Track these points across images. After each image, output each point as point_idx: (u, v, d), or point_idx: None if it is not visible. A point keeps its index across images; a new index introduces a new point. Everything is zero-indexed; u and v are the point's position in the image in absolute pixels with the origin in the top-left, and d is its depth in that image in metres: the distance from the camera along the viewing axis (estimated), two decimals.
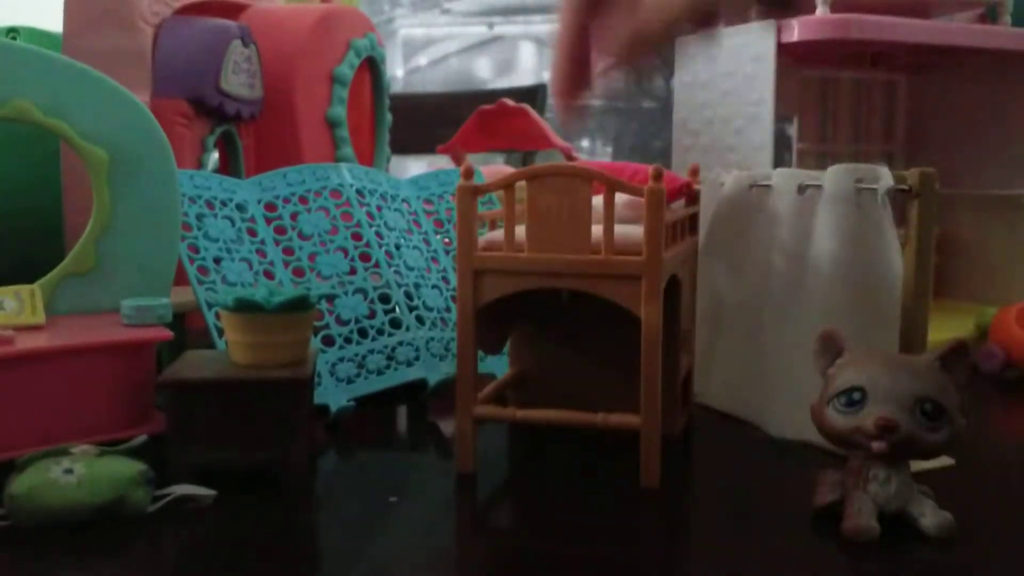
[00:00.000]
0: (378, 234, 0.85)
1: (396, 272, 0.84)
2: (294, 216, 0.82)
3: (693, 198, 0.74)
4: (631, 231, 0.58)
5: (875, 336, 0.64)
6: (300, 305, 0.61)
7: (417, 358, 0.80)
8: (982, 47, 1.03)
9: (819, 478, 0.55)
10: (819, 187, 0.66)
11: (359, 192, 0.86)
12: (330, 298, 0.79)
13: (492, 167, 1.15)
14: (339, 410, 0.73)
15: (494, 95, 1.30)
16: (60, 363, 0.61)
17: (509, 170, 0.96)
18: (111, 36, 0.88)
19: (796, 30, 0.95)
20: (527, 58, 2.48)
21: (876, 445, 0.50)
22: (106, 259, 0.71)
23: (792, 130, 1.16)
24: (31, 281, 0.68)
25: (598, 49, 0.55)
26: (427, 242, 0.90)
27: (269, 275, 0.78)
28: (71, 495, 0.51)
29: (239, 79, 0.95)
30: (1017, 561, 0.51)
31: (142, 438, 0.56)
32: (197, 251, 0.75)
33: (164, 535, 0.52)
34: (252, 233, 0.79)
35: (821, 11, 0.95)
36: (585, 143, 2.43)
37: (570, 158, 1.17)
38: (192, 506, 0.55)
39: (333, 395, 0.74)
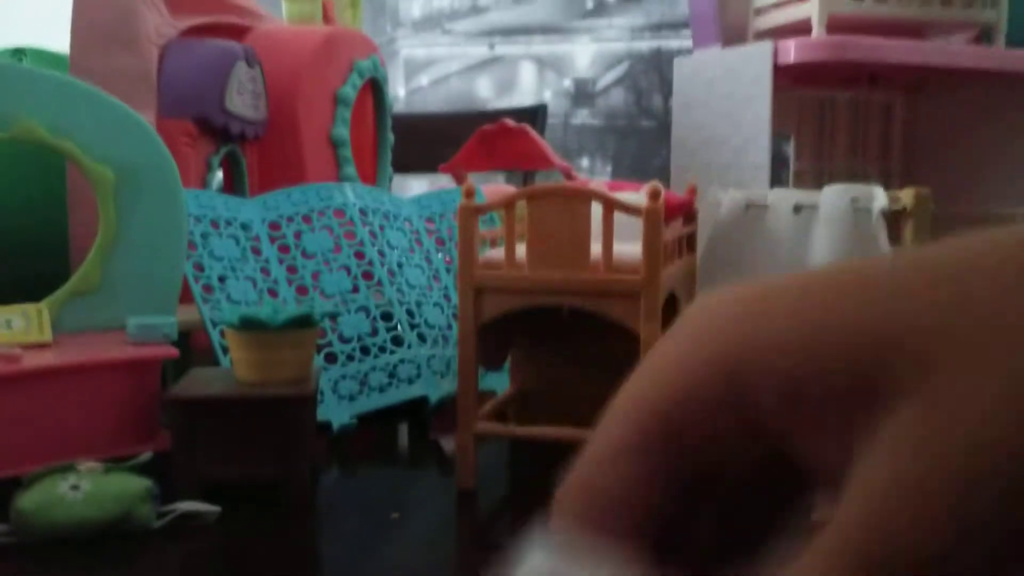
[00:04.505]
0: (381, 253, 0.86)
1: (398, 290, 0.85)
2: (298, 235, 0.83)
3: (691, 217, 0.75)
4: (630, 249, 0.59)
5: None
6: (304, 323, 0.61)
7: (419, 375, 0.81)
8: (977, 68, 1.04)
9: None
10: (815, 207, 0.67)
11: (362, 211, 0.87)
12: (333, 316, 0.79)
13: (493, 186, 1.16)
14: (341, 427, 0.73)
15: (495, 115, 1.31)
16: (67, 380, 0.62)
17: (510, 189, 0.97)
18: (117, 57, 0.90)
19: (793, 51, 0.96)
20: (528, 78, 2.50)
21: None
22: (112, 277, 0.72)
23: (790, 149, 1.17)
24: (38, 299, 0.69)
25: None
26: (429, 260, 0.91)
27: (273, 293, 0.79)
28: (77, 511, 0.52)
29: (243, 99, 0.96)
30: None
31: (147, 455, 0.57)
32: (202, 269, 0.75)
33: (169, 551, 0.53)
34: (256, 252, 0.80)
35: (817, 32, 0.96)
36: (585, 162, 2.44)
37: (570, 178, 1.18)
38: (196, 522, 0.56)
39: (335, 412, 0.74)
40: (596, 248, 0.59)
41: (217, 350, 0.73)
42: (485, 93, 2.53)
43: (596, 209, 0.58)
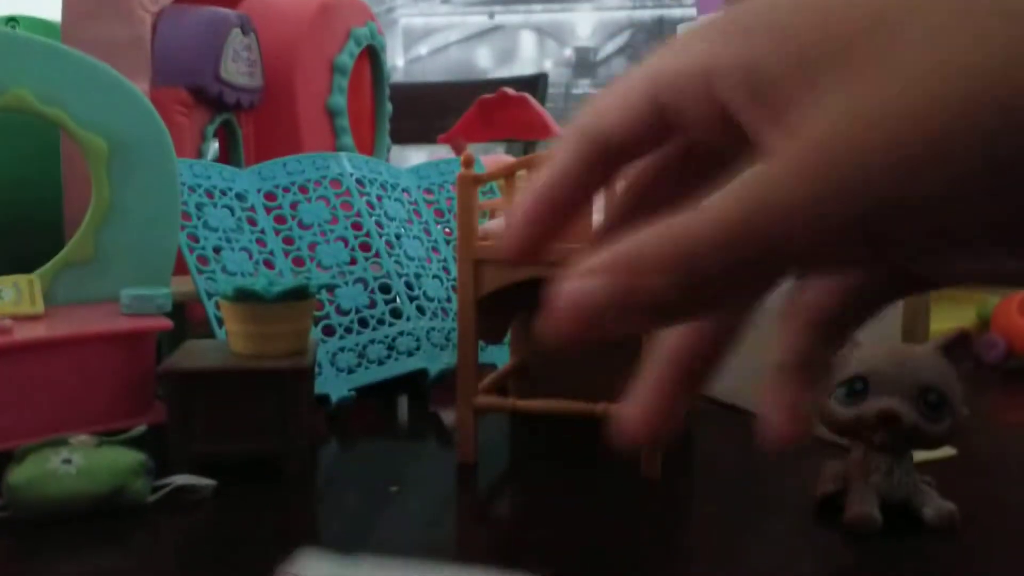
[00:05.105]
0: (378, 224, 0.85)
1: (396, 262, 0.84)
2: (294, 205, 0.82)
3: None
4: None
5: (876, 325, 0.63)
6: (300, 295, 0.60)
7: (418, 348, 0.80)
8: None
9: (821, 469, 0.55)
10: None
11: (359, 182, 0.86)
12: (330, 288, 0.78)
13: (493, 157, 1.15)
14: (340, 400, 0.72)
15: (495, 84, 1.29)
16: (59, 353, 0.61)
17: (510, 160, 0.95)
18: (110, 25, 0.88)
19: None
20: (527, 47, 2.48)
21: (878, 436, 0.50)
22: (105, 248, 0.71)
23: None
24: (30, 271, 0.68)
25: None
26: (427, 232, 0.90)
27: (269, 265, 0.78)
28: (70, 485, 0.51)
29: (239, 68, 0.95)
30: (1019, 551, 0.51)
31: (141, 428, 0.56)
32: (197, 240, 0.74)
33: (163, 525, 0.52)
34: (252, 223, 0.79)
35: None
36: None
37: None
38: (192, 496, 0.55)
39: (334, 385, 0.74)
40: (599, 219, 0.57)
41: (213, 322, 0.72)
42: (485, 62, 2.51)
43: None
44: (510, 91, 1.19)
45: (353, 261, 0.81)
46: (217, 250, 0.75)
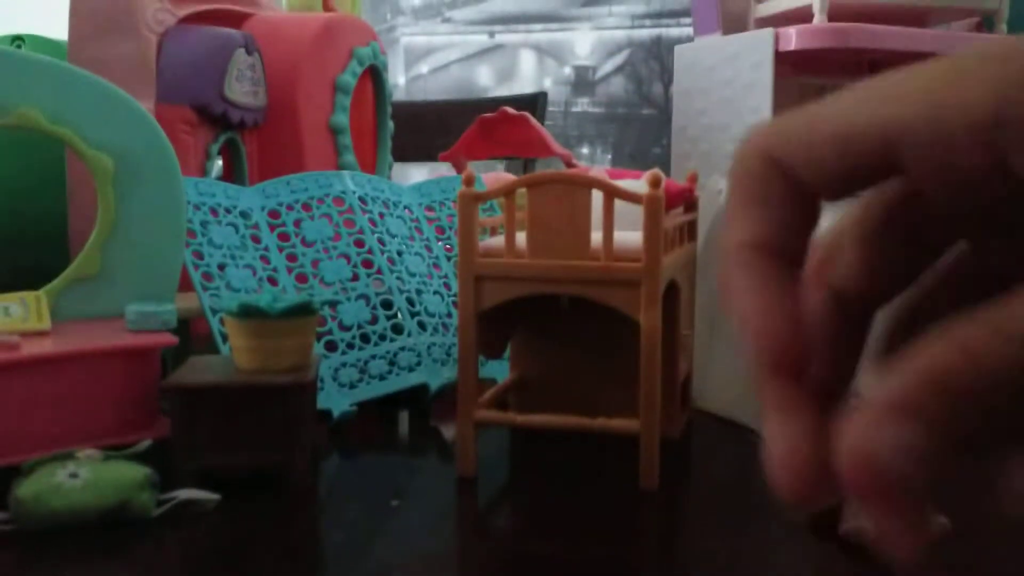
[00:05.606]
0: (380, 241, 0.86)
1: (398, 278, 0.84)
2: (297, 223, 0.83)
3: (692, 205, 0.74)
4: (630, 237, 0.59)
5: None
6: (303, 311, 0.61)
7: (419, 363, 0.81)
8: None
9: None
10: None
11: (361, 199, 0.87)
12: (333, 304, 0.79)
13: (493, 174, 1.16)
14: (341, 415, 0.73)
15: (495, 103, 1.31)
16: (65, 368, 0.62)
17: (510, 177, 0.97)
18: (116, 44, 0.89)
19: (794, 38, 0.96)
20: (527, 66, 2.50)
21: None
22: (111, 265, 0.72)
23: None
24: (36, 287, 0.69)
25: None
26: (429, 248, 0.91)
27: (273, 281, 0.79)
28: (76, 499, 0.52)
29: (243, 87, 0.96)
30: (1014, 563, 0.51)
31: (146, 442, 0.57)
32: (202, 257, 0.75)
33: (168, 539, 0.53)
34: (256, 240, 0.80)
35: (818, 19, 0.96)
36: (585, 150, 2.44)
37: (570, 165, 1.17)
38: (196, 510, 0.56)
39: (336, 400, 0.74)
40: (596, 236, 0.58)
41: (217, 338, 0.73)
42: (485, 81, 2.53)
43: (596, 197, 0.58)
44: (510, 109, 1.20)
45: (355, 277, 0.82)
46: (222, 267, 0.76)
